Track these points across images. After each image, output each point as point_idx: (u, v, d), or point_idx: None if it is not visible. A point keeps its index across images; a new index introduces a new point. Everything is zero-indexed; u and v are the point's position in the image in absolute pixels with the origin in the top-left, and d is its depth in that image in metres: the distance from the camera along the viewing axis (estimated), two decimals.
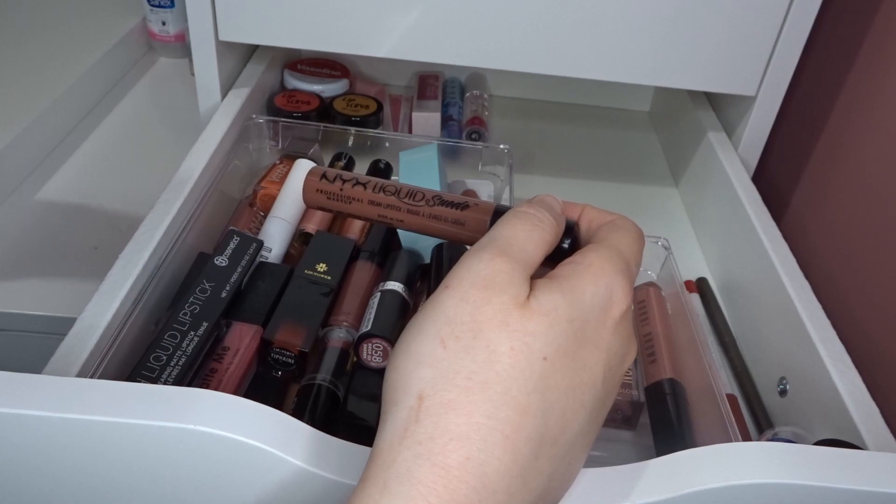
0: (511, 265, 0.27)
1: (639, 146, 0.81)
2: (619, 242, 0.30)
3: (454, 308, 0.26)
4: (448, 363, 0.25)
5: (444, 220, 0.33)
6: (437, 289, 0.28)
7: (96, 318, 0.40)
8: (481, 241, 0.29)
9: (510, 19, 0.58)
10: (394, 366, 0.27)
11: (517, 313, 0.26)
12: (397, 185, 0.34)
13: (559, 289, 0.27)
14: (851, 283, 0.58)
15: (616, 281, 0.28)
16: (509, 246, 0.28)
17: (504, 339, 0.25)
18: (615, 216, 0.32)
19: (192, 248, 0.50)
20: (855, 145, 0.61)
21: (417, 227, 0.34)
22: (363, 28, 0.59)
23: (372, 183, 0.34)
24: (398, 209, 0.34)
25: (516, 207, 0.30)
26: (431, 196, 0.33)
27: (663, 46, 0.59)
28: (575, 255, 0.29)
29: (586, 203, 0.34)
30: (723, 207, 0.62)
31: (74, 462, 0.32)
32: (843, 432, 0.41)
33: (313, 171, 0.35)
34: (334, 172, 0.35)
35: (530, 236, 0.29)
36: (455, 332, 0.26)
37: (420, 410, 0.25)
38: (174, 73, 0.85)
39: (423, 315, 0.27)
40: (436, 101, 0.77)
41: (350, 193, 0.34)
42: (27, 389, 0.31)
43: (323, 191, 0.35)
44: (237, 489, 0.33)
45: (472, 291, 0.26)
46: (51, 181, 0.66)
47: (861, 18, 0.62)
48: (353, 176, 0.35)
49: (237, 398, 0.32)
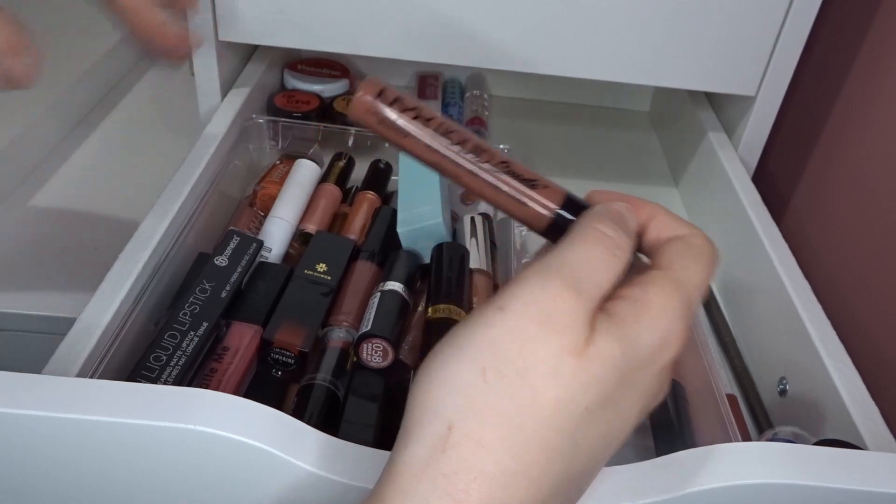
0: (577, 304, 0.25)
1: (639, 146, 0.81)
2: (687, 273, 0.27)
3: (504, 337, 0.24)
4: (485, 398, 0.24)
5: (503, 192, 0.29)
6: (489, 306, 0.25)
7: (96, 318, 0.40)
8: (550, 259, 0.26)
9: (510, 19, 0.58)
10: (425, 384, 0.25)
11: (571, 362, 0.24)
12: (463, 133, 0.30)
13: (618, 337, 0.25)
14: (851, 283, 0.57)
15: (674, 327, 0.26)
16: (581, 278, 0.25)
17: (551, 387, 0.24)
18: (689, 230, 0.29)
19: (192, 248, 0.50)
20: (855, 145, 0.61)
21: (472, 188, 0.30)
22: (363, 28, 0.59)
23: (435, 122, 0.29)
24: (457, 164, 0.29)
25: (593, 221, 0.27)
26: (498, 161, 0.29)
27: (663, 46, 0.59)
28: (636, 288, 0.26)
29: (658, 204, 0.30)
30: (723, 207, 0.62)
31: (74, 462, 0.32)
32: (843, 432, 0.41)
33: (369, 85, 0.29)
34: (393, 94, 0.29)
35: (606, 268, 0.26)
36: (500, 365, 0.24)
37: (448, 441, 0.24)
38: (174, 74, 0.85)
39: (466, 333, 0.25)
40: (436, 102, 0.77)
41: (406, 127, 0.29)
42: (27, 389, 0.31)
43: (375, 113, 0.29)
44: (237, 489, 0.33)
45: (528, 325, 0.24)
46: (51, 181, 0.66)
47: (861, 18, 0.62)
48: (414, 105, 0.29)
49: (237, 398, 0.32)
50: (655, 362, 0.26)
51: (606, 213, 0.28)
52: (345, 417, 0.42)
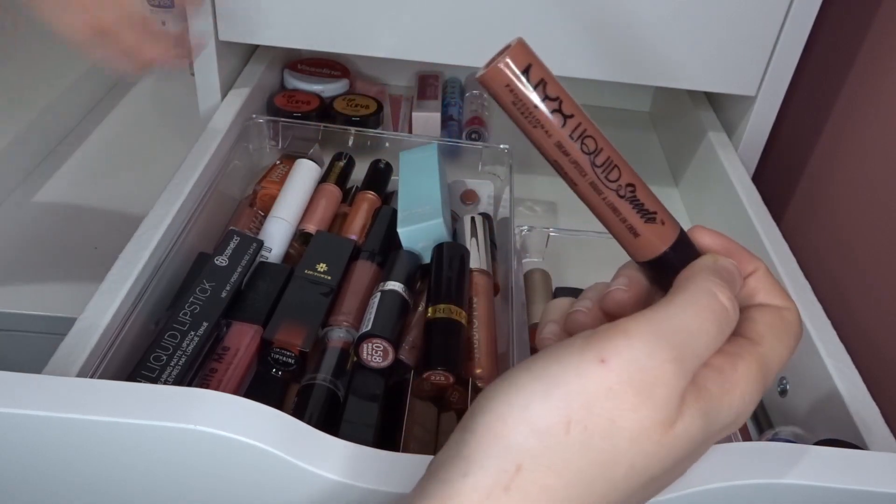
0: (678, 380, 0.24)
1: (639, 146, 0.81)
2: (774, 353, 0.27)
3: (597, 395, 0.24)
4: (563, 449, 0.23)
5: (620, 215, 0.27)
6: (587, 350, 0.24)
7: (96, 318, 0.40)
8: (662, 319, 0.25)
9: (510, 19, 0.58)
10: (501, 413, 0.24)
11: (657, 437, 0.24)
12: (599, 140, 0.27)
13: (703, 414, 0.25)
14: (851, 283, 0.57)
15: (749, 410, 0.26)
16: (688, 351, 0.25)
17: (631, 455, 0.24)
18: (785, 302, 0.29)
19: (192, 248, 0.50)
20: (855, 145, 0.61)
21: (589, 202, 0.28)
22: (363, 28, 0.59)
23: (573, 122, 0.26)
24: (583, 173, 0.27)
25: (711, 284, 0.26)
26: (626, 183, 0.27)
27: (663, 46, 0.59)
28: (726, 361, 0.26)
29: (761, 261, 0.30)
30: (723, 207, 0.62)
31: (74, 462, 0.32)
32: (843, 432, 0.41)
33: (517, 53, 0.25)
34: (540, 73, 0.25)
35: (714, 342, 0.25)
36: (586, 421, 0.23)
37: (514, 480, 0.23)
38: (174, 74, 0.85)
39: (556, 373, 0.24)
40: (436, 101, 0.77)
41: (541, 118, 0.26)
42: (27, 389, 0.31)
43: (514, 91, 0.25)
44: (237, 489, 0.33)
45: (625, 388, 0.24)
46: (51, 181, 0.66)
47: (861, 18, 0.62)
48: (557, 94, 0.26)
49: (237, 398, 0.32)
50: (721, 434, 0.26)
51: (723, 275, 0.27)
52: (345, 417, 0.42)
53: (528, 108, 0.26)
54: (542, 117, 0.26)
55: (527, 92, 0.25)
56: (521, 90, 0.25)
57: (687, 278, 0.27)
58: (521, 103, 0.26)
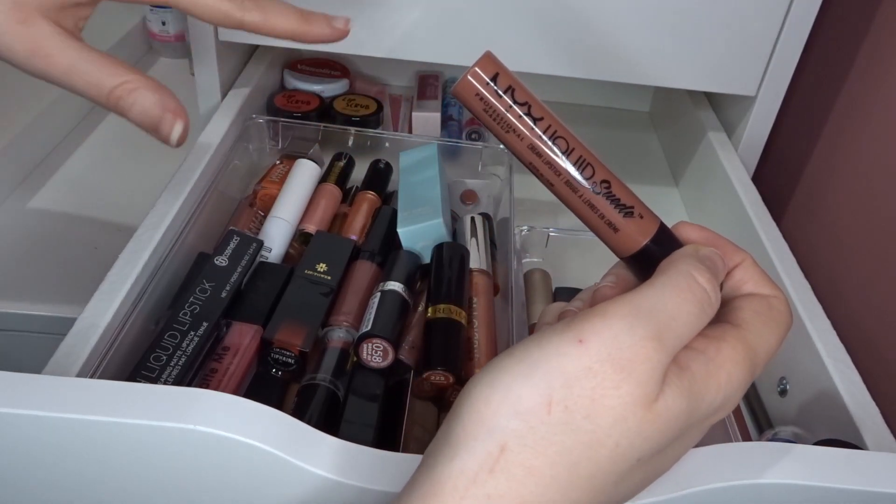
0: (658, 357, 0.24)
1: (639, 146, 0.81)
2: (761, 339, 0.27)
3: (578, 374, 0.24)
4: (546, 430, 0.24)
5: (597, 211, 0.28)
6: (567, 331, 0.25)
7: (96, 318, 0.40)
8: (640, 300, 0.25)
9: (510, 19, 0.58)
10: (485, 395, 0.24)
11: (640, 414, 0.24)
12: (571, 141, 0.28)
13: (687, 395, 0.25)
14: (851, 283, 0.58)
15: (737, 392, 0.26)
16: (668, 330, 0.25)
17: (614, 434, 0.24)
18: (772, 291, 0.29)
19: (192, 248, 0.50)
20: (855, 145, 0.61)
21: (567, 201, 0.28)
22: (363, 28, 0.59)
23: (543, 124, 0.27)
24: (557, 173, 0.28)
25: (691, 268, 0.27)
26: (600, 179, 0.28)
27: (663, 46, 0.59)
28: (710, 344, 0.26)
29: (747, 253, 0.30)
30: (723, 207, 0.62)
31: (74, 462, 0.32)
32: (843, 432, 0.41)
33: (485, 64, 0.27)
34: (508, 80, 0.27)
35: (693, 323, 0.26)
36: (567, 401, 0.24)
37: (498, 462, 0.23)
38: (174, 73, 0.85)
39: (537, 355, 0.25)
40: (436, 101, 0.77)
41: (511, 123, 0.27)
42: (27, 389, 0.31)
43: (483, 99, 0.27)
44: (237, 489, 0.33)
45: (605, 367, 0.24)
46: (51, 181, 0.66)
47: (861, 18, 0.62)
48: (526, 99, 0.27)
49: (237, 398, 0.32)
50: (710, 419, 0.26)
51: (705, 261, 0.28)
52: (345, 417, 0.42)
53: (498, 115, 0.27)
54: (512, 122, 0.27)
55: (495, 100, 0.27)
56: (489, 98, 0.27)
57: (667, 264, 0.27)
58: (492, 110, 0.27)
